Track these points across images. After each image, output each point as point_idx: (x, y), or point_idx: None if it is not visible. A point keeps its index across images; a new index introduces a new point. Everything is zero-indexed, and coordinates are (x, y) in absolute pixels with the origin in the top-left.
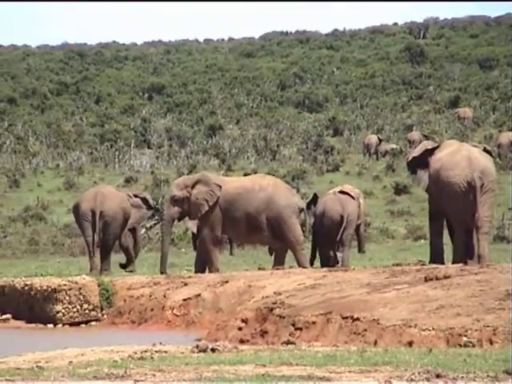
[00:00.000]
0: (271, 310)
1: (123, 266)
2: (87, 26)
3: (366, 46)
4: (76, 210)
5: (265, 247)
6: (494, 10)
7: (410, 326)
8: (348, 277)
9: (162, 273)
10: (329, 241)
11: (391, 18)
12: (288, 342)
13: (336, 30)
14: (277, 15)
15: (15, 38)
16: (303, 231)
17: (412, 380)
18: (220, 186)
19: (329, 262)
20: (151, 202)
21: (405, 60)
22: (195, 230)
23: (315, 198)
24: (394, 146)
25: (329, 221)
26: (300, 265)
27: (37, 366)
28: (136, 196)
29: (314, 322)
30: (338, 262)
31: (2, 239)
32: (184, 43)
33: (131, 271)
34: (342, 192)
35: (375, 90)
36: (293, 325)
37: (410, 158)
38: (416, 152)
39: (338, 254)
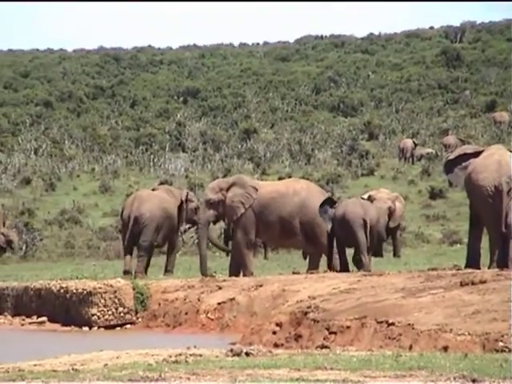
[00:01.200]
0: (305, 314)
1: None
2: (123, 31)
3: (402, 49)
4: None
5: (299, 251)
6: None
7: (446, 331)
8: (383, 281)
9: (202, 275)
10: (350, 245)
11: (427, 21)
12: (322, 347)
13: (371, 33)
14: (312, 19)
15: (52, 42)
16: None
17: None
18: (256, 189)
19: (347, 267)
20: None
21: (441, 64)
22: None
23: (331, 202)
24: (430, 150)
25: (350, 225)
26: (334, 268)
27: (72, 369)
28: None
29: (348, 327)
30: (362, 266)
31: (39, 242)
32: (219, 47)
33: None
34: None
35: (411, 94)
36: (327, 329)
37: (449, 158)
38: (454, 154)
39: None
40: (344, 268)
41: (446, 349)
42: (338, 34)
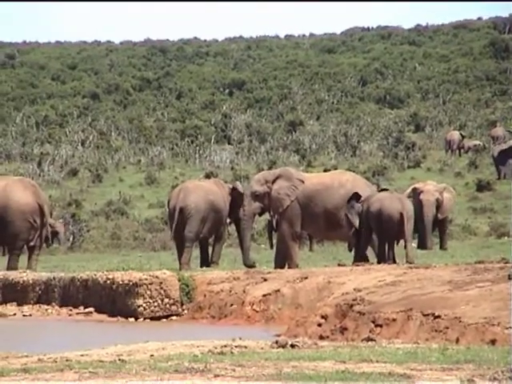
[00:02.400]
0: (351, 306)
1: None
2: (169, 23)
3: (449, 41)
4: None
5: (345, 243)
6: None
7: (493, 325)
8: (429, 274)
9: (246, 266)
10: (387, 239)
11: (475, 12)
12: (368, 339)
13: (418, 25)
14: (358, 11)
15: (99, 34)
16: None
17: (495, 379)
18: (302, 181)
19: (385, 261)
20: None
21: (489, 55)
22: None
23: (357, 197)
24: (477, 142)
25: (388, 219)
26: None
27: (119, 359)
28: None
29: (394, 319)
30: (394, 261)
31: (85, 233)
32: (265, 39)
33: (208, 266)
34: (383, 190)
35: (458, 86)
36: (373, 322)
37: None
38: (507, 145)
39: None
40: (382, 261)
41: (493, 342)
42: (384, 26)
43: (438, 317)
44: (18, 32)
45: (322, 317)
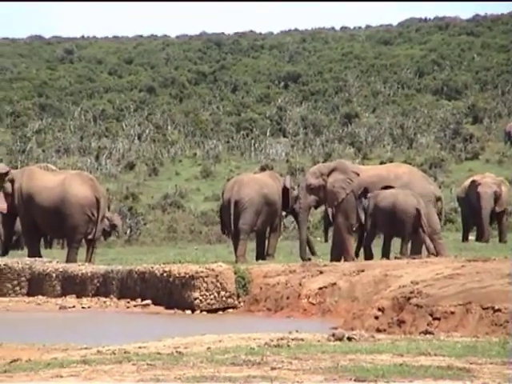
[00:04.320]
0: (408, 299)
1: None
2: (225, 16)
3: (508, 31)
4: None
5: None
6: None
7: None
8: (488, 267)
9: (302, 259)
10: (401, 234)
11: None
12: (426, 332)
13: (477, 15)
14: (415, 1)
15: (155, 28)
16: (440, 220)
17: None
18: (358, 174)
19: (388, 255)
20: None
21: None
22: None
23: (365, 192)
24: None
25: (403, 215)
26: (438, 254)
27: (176, 351)
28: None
29: (452, 312)
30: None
31: (142, 227)
32: (320, 31)
33: (264, 259)
34: (387, 187)
35: None
36: (431, 315)
37: None
38: None
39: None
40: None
41: None
42: (442, 16)
43: (498, 310)
44: (76, 27)
45: (379, 310)
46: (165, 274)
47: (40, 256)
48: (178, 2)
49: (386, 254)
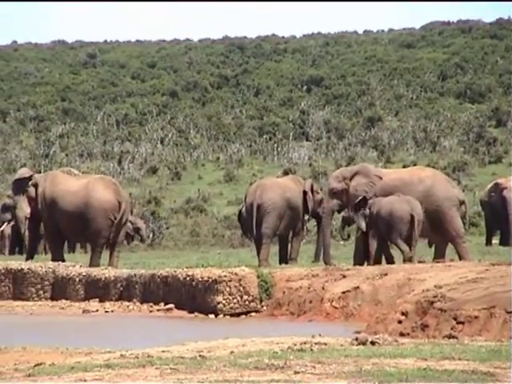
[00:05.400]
0: (432, 303)
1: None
2: (247, 20)
3: None
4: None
5: (424, 240)
6: None
7: None
8: None
9: (326, 264)
10: (392, 241)
11: None
12: (450, 336)
13: (500, 18)
14: (438, 5)
15: (178, 32)
16: (464, 224)
17: None
18: (380, 178)
19: (393, 262)
20: None
21: None
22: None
23: (364, 201)
24: None
25: (399, 221)
26: (461, 257)
27: (199, 355)
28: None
29: (476, 317)
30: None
31: (165, 231)
32: (343, 35)
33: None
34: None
35: None
36: (454, 319)
37: None
38: None
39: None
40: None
41: None
42: (465, 20)
43: None
44: (98, 31)
45: (403, 314)
46: (188, 278)
47: (63, 260)
48: (201, 6)
49: (389, 259)
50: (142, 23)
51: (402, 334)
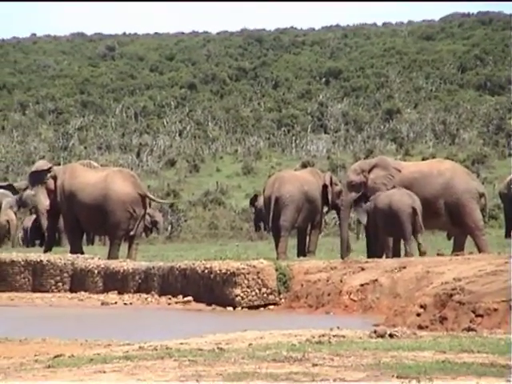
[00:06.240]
0: (451, 296)
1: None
2: (266, 12)
3: None
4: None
5: (443, 232)
6: None
7: None
8: None
9: (342, 258)
10: (394, 234)
11: None
12: (468, 329)
13: None
14: None
15: (196, 24)
16: (483, 216)
17: None
18: (399, 170)
19: (399, 255)
20: None
21: None
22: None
23: (366, 196)
24: None
25: (399, 214)
26: (480, 250)
27: (218, 348)
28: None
29: (495, 309)
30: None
31: (183, 223)
32: (362, 27)
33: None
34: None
35: None
36: (473, 311)
37: None
38: None
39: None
40: (396, 255)
41: None
42: (485, 11)
43: None
44: (117, 24)
45: (421, 306)
46: (206, 271)
47: (82, 252)
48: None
49: (396, 254)
50: (160, 16)
51: (420, 327)
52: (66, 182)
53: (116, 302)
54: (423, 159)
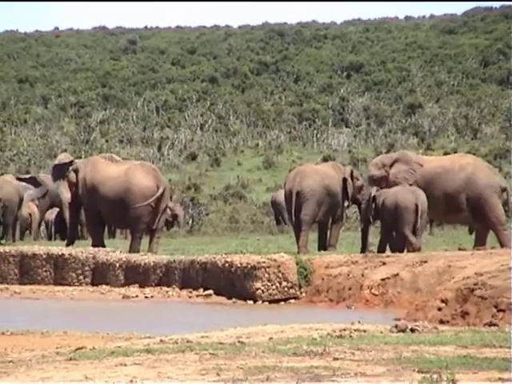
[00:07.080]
0: (472, 290)
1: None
2: (287, 6)
3: None
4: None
5: (465, 227)
6: None
7: None
8: None
9: (362, 253)
10: (401, 230)
11: None
12: (490, 324)
13: None
14: None
15: (218, 18)
16: (505, 211)
17: None
18: (421, 165)
19: (403, 250)
20: None
21: None
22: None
23: (374, 198)
24: None
25: (403, 211)
26: (503, 245)
27: (238, 341)
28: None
29: None
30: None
31: (204, 217)
32: (384, 21)
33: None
34: None
35: None
36: (495, 306)
37: None
38: None
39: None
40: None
41: None
42: (508, 5)
43: None
44: (139, 18)
45: (443, 301)
46: (227, 265)
47: (103, 246)
48: None
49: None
50: (182, 9)
51: (441, 322)
52: (88, 175)
53: (137, 296)
54: (445, 154)
